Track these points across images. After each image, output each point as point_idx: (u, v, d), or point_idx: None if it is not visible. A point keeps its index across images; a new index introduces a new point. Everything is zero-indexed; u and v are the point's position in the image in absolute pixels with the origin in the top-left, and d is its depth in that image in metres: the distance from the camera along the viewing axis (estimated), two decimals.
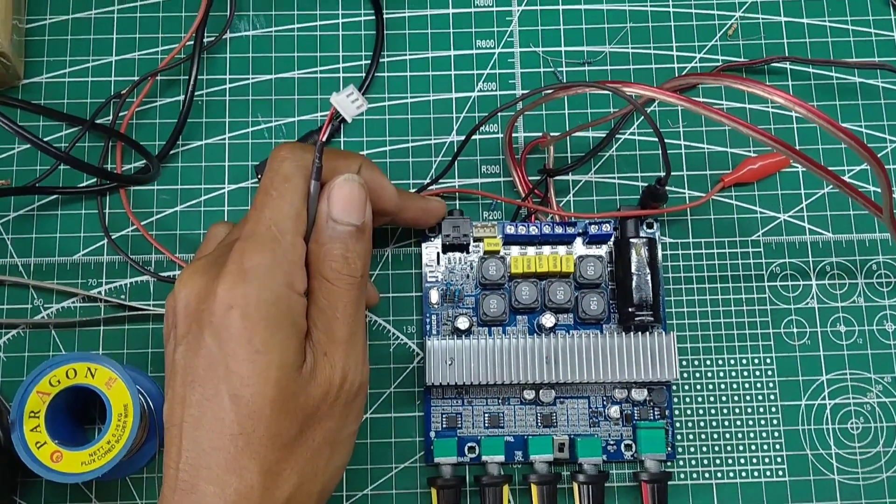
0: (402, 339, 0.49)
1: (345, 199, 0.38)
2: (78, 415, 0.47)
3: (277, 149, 0.39)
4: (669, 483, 0.47)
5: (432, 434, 0.47)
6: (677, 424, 0.48)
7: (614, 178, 0.51)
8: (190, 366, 0.36)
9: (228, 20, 0.52)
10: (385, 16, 0.53)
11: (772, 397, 0.48)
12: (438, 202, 0.48)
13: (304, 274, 0.37)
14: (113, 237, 0.50)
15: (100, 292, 0.49)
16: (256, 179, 0.51)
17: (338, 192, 0.38)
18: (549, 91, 0.45)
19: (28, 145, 0.47)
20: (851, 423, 0.48)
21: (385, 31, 0.53)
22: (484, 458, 0.46)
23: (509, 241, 0.49)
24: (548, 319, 0.47)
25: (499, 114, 0.51)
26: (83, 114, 0.51)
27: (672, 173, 0.50)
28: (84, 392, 0.43)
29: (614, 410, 0.47)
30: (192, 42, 0.51)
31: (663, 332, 0.47)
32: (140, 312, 0.49)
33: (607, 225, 0.48)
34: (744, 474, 0.48)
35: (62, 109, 0.51)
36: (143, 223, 0.50)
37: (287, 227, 0.37)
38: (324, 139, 0.37)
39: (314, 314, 0.38)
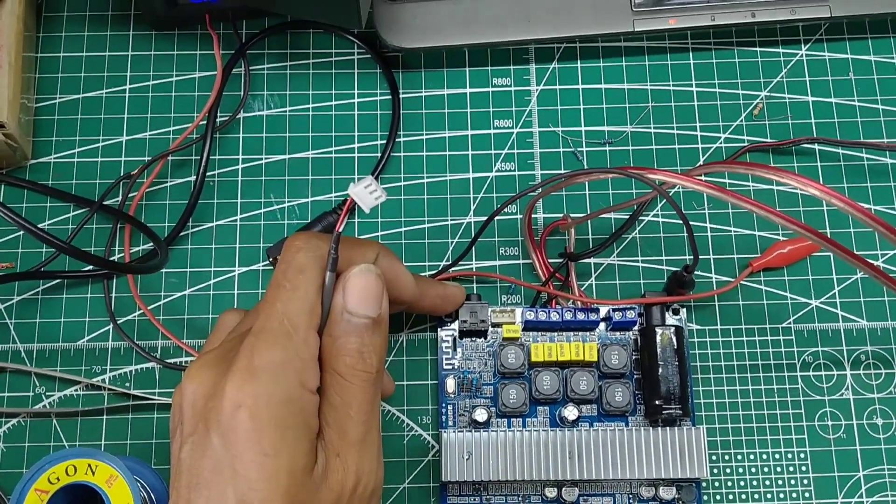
0: (416, 431, 0.47)
1: (361, 291, 0.37)
2: None
3: (292, 238, 0.37)
4: None
5: None
6: None
7: (638, 261, 0.50)
8: (195, 467, 0.34)
9: (242, 100, 0.51)
10: (401, 95, 0.52)
11: (806, 495, 0.46)
12: (457, 288, 0.46)
13: (318, 370, 0.36)
14: (119, 322, 0.48)
15: (103, 380, 0.47)
16: (268, 262, 0.49)
17: (354, 284, 0.37)
18: (570, 175, 0.44)
19: None
20: None
21: (401, 111, 0.52)
22: None
23: (529, 327, 0.47)
24: (570, 411, 0.45)
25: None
26: (92, 194, 0.50)
27: (699, 257, 0.48)
28: (84, 489, 0.41)
29: None
30: (204, 122, 0.50)
31: (692, 426, 0.44)
32: (145, 402, 0.47)
33: (632, 311, 0.47)
34: None
35: (70, 190, 0.50)
36: (150, 307, 0.48)
37: (300, 322, 0.35)
38: (340, 230, 0.36)
39: (326, 411, 0.36)
